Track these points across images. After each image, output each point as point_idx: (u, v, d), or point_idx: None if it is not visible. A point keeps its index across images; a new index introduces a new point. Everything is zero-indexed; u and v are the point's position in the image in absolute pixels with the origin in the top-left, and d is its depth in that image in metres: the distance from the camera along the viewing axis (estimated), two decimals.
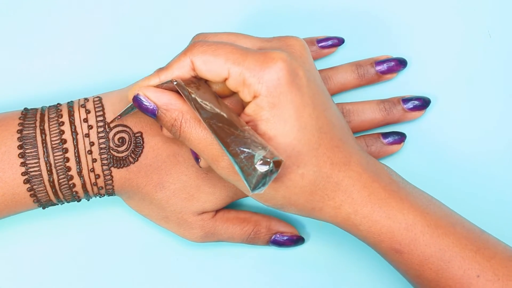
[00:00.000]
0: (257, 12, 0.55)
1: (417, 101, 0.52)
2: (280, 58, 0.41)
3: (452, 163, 0.54)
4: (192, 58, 0.42)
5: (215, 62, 0.41)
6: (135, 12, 0.54)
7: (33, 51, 0.54)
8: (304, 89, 0.42)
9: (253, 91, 0.41)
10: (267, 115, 0.41)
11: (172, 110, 0.43)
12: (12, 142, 0.46)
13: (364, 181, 0.43)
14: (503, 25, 0.55)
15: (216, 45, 0.42)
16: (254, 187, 0.38)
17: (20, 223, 0.53)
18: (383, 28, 0.55)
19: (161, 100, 0.43)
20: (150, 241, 0.53)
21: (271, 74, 0.41)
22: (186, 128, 0.43)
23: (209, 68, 0.41)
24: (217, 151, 0.42)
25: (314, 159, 0.42)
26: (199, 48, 0.42)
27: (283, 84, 0.41)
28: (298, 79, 0.42)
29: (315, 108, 0.42)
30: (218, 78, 0.42)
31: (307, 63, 0.43)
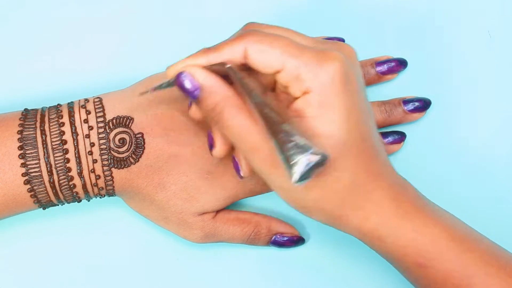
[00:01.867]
0: (257, 12, 0.55)
1: (418, 102, 0.52)
2: (338, 59, 0.40)
3: (452, 163, 0.54)
4: (246, 46, 0.40)
5: (271, 53, 0.40)
6: (135, 12, 0.54)
7: (33, 51, 0.54)
8: (354, 94, 0.41)
9: (305, 87, 0.40)
10: (315, 113, 0.40)
11: (216, 94, 0.41)
12: (12, 143, 0.46)
13: (394, 194, 0.43)
14: (503, 25, 0.55)
15: (274, 37, 0.41)
16: (298, 177, 0.37)
17: (20, 224, 0.53)
18: (383, 28, 0.55)
19: (207, 81, 0.41)
20: (150, 241, 0.53)
21: (327, 72, 0.40)
22: (227, 114, 0.41)
23: (264, 58, 0.40)
24: (258, 141, 0.41)
25: (352, 165, 0.41)
26: (255, 37, 0.40)
27: (337, 85, 0.40)
28: (350, 83, 0.41)
29: (361, 116, 0.42)
30: (270, 70, 0.41)
31: (358, 70, 0.43)
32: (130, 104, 0.48)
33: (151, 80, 0.50)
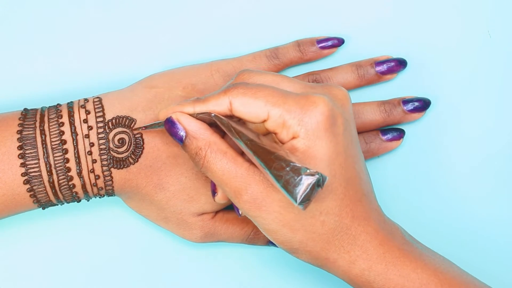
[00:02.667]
0: (257, 12, 0.55)
1: (417, 102, 0.52)
2: (322, 102, 0.41)
3: (452, 163, 0.54)
4: (231, 99, 0.42)
5: (255, 104, 0.41)
6: (135, 12, 0.54)
7: (33, 51, 0.54)
8: (339, 138, 0.42)
9: (292, 133, 0.41)
10: (301, 157, 0.41)
11: (200, 139, 0.43)
12: (12, 143, 0.46)
13: (380, 238, 0.43)
14: (503, 25, 0.55)
15: (257, 88, 0.42)
16: (300, 198, 0.37)
17: (20, 223, 0.53)
18: (383, 28, 0.54)
19: (191, 126, 0.43)
20: (150, 241, 0.53)
21: (311, 117, 0.41)
22: (210, 159, 0.43)
23: (248, 110, 0.42)
24: (241, 184, 0.42)
25: (337, 208, 0.42)
26: (239, 90, 0.42)
27: (321, 129, 0.41)
28: (336, 126, 0.42)
29: (347, 159, 0.42)
30: (257, 120, 0.42)
31: (347, 112, 0.43)
32: (129, 104, 0.49)
33: (151, 80, 0.50)
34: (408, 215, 0.53)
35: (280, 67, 0.53)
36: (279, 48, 0.53)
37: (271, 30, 0.54)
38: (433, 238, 0.53)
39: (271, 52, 0.52)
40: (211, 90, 0.50)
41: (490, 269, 0.53)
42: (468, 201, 0.54)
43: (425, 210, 0.53)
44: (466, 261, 0.53)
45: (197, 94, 0.50)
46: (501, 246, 0.54)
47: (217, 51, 0.54)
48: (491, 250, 0.53)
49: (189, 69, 0.51)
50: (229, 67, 0.51)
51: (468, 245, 0.53)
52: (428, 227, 0.53)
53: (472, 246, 0.53)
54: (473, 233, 0.54)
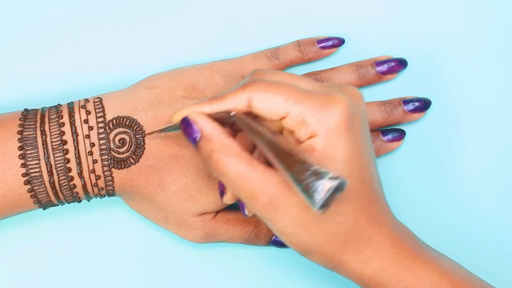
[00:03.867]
0: (258, 12, 0.55)
1: (418, 102, 0.52)
2: (342, 101, 0.41)
3: (452, 163, 0.54)
4: (251, 94, 0.41)
5: (275, 100, 0.41)
6: (135, 12, 0.54)
7: (33, 51, 0.54)
8: (357, 137, 0.42)
9: (311, 131, 0.41)
10: (318, 155, 0.41)
11: (214, 141, 0.42)
12: (12, 143, 0.46)
13: (393, 239, 0.43)
14: (503, 25, 0.55)
15: (277, 84, 0.42)
16: (320, 203, 0.37)
17: (20, 224, 0.53)
18: (383, 28, 0.55)
19: (207, 128, 0.42)
20: (150, 241, 0.53)
21: (331, 115, 0.41)
22: (224, 162, 0.41)
23: (269, 106, 0.41)
24: (257, 187, 0.41)
25: (352, 209, 0.42)
26: (259, 85, 0.41)
27: (341, 128, 0.41)
28: (354, 126, 0.41)
29: (363, 159, 0.42)
30: (275, 117, 0.41)
31: (362, 112, 0.43)
32: (130, 104, 0.49)
33: (151, 80, 0.50)
34: (408, 215, 0.53)
35: (280, 67, 0.53)
36: (279, 48, 0.53)
37: (271, 30, 0.54)
38: (434, 238, 0.53)
39: (272, 52, 0.52)
40: (212, 90, 0.50)
41: (490, 269, 0.53)
42: (469, 201, 0.54)
43: (426, 210, 0.53)
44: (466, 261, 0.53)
45: (197, 94, 0.50)
46: (503, 244, 0.54)
47: (218, 51, 0.54)
48: (492, 249, 0.54)
49: (189, 70, 0.51)
50: (230, 67, 0.51)
51: (469, 244, 0.53)
52: (428, 227, 0.53)
53: (473, 245, 0.53)
54: (473, 233, 0.54)
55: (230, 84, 0.51)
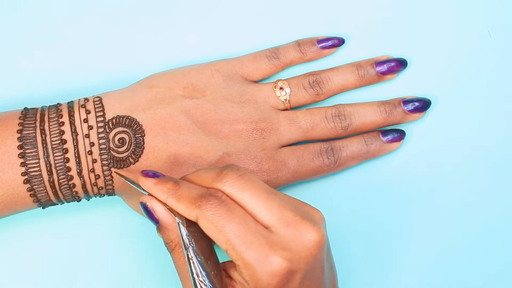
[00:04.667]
0: (257, 12, 0.55)
1: (418, 102, 0.52)
2: (279, 266, 0.40)
3: (452, 163, 0.54)
4: (198, 216, 0.41)
5: (217, 236, 0.40)
6: (135, 12, 0.54)
7: (33, 51, 0.54)
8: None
9: (243, 280, 0.41)
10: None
11: (173, 232, 0.43)
12: (12, 142, 0.46)
13: None
14: (503, 25, 0.55)
15: (226, 216, 0.40)
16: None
17: (20, 223, 0.53)
18: (384, 29, 0.55)
19: (166, 219, 0.43)
20: (150, 241, 0.53)
21: (263, 277, 0.40)
22: (177, 253, 0.43)
23: (211, 235, 0.41)
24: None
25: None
26: (207, 212, 0.40)
27: None
28: (291, 282, 0.41)
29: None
30: (218, 245, 0.41)
31: (311, 262, 0.41)
32: (129, 103, 0.49)
33: (151, 79, 0.50)
34: (408, 215, 0.53)
35: (280, 67, 0.53)
36: (279, 48, 0.53)
37: (271, 30, 0.54)
38: (434, 237, 0.53)
39: (271, 52, 0.52)
40: (211, 90, 0.50)
41: (490, 269, 0.53)
42: (469, 201, 0.54)
43: (426, 210, 0.53)
44: (466, 260, 0.53)
45: (197, 93, 0.50)
46: (504, 244, 0.54)
47: (217, 51, 0.54)
48: (492, 249, 0.53)
49: (189, 69, 0.51)
50: (230, 67, 0.51)
51: (469, 244, 0.53)
52: (428, 227, 0.53)
53: (473, 245, 0.53)
54: (473, 232, 0.54)
55: (230, 84, 0.51)
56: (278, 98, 0.51)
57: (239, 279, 0.41)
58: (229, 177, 0.42)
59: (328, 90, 0.52)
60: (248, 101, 0.51)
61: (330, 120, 0.51)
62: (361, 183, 0.53)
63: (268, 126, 0.50)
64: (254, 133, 0.50)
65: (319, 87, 0.52)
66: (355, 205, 0.53)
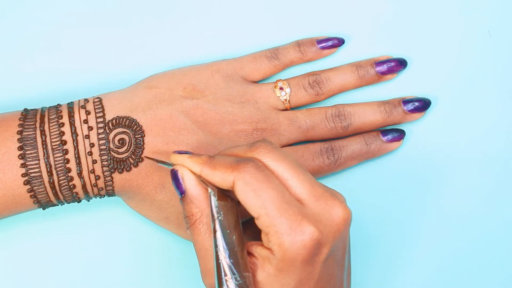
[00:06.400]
0: (257, 12, 0.55)
1: (418, 102, 0.52)
2: (310, 236, 0.40)
3: (452, 163, 0.54)
4: (235, 180, 0.41)
5: (253, 201, 0.40)
6: (135, 13, 0.54)
7: (33, 51, 0.54)
8: (317, 265, 0.41)
9: (271, 247, 0.40)
10: (270, 272, 0.41)
11: (195, 205, 0.43)
12: (12, 143, 0.46)
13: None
14: (503, 25, 0.55)
15: (262, 183, 0.40)
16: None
17: (20, 223, 0.53)
18: (384, 28, 0.55)
19: (192, 190, 0.43)
20: (150, 241, 0.53)
21: (293, 246, 0.40)
22: (197, 229, 0.42)
23: (245, 201, 0.41)
24: (210, 267, 0.42)
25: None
26: (245, 176, 0.41)
27: (299, 260, 0.40)
28: (318, 256, 0.41)
29: (318, 282, 0.41)
30: (249, 212, 0.41)
31: (338, 238, 0.42)
32: (129, 104, 0.49)
33: (151, 80, 0.50)
34: (408, 216, 0.53)
35: (280, 67, 0.53)
36: (279, 49, 0.53)
37: (271, 30, 0.54)
38: (433, 237, 0.53)
39: (271, 53, 0.52)
40: (211, 90, 0.50)
41: (491, 269, 0.53)
42: (469, 201, 0.54)
43: (426, 211, 0.53)
44: (465, 262, 0.53)
45: (197, 94, 0.50)
46: (503, 243, 0.54)
47: (217, 51, 0.54)
48: (492, 249, 0.53)
49: (189, 70, 0.51)
50: (229, 67, 0.51)
51: (468, 243, 0.53)
52: (428, 227, 0.53)
53: (472, 244, 0.53)
54: (473, 232, 0.54)
55: (230, 84, 0.51)
56: (278, 98, 0.51)
57: (263, 253, 0.41)
58: (263, 147, 0.42)
59: (328, 90, 0.52)
60: (248, 101, 0.51)
61: (330, 120, 0.51)
62: (361, 183, 0.53)
63: (268, 126, 0.50)
64: (254, 133, 0.50)
65: (319, 87, 0.52)
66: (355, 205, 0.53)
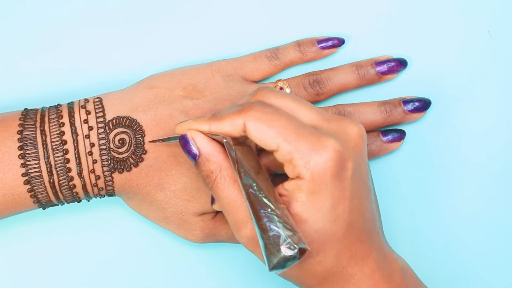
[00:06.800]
0: (257, 12, 0.55)
1: (418, 102, 0.52)
2: (332, 148, 0.40)
3: (452, 163, 0.54)
4: (245, 121, 0.41)
5: (267, 133, 0.40)
6: (135, 13, 0.54)
7: (33, 51, 0.54)
8: (346, 182, 0.41)
9: (297, 172, 0.40)
10: (304, 199, 0.40)
11: (212, 162, 0.42)
12: (12, 143, 0.46)
13: (376, 279, 0.43)
14: (503, 25, 0.55)
15: (272, 115, 0.41)
16: (273, 267, 0.38)
17: (20, 223, 0.53)
18: (384, 28, 0.55)
19: (206, 148, 0.43)
20: (150, 241, 0.53)
21: (319, 161, 0.40)
22: (219, 184, 0.42)
23: (260, 137, 0.41)
24: (243, 218, 0.41)
25: (335, 250, 0.42)
26: (254, 113, 0.41)
27: (328, 175, 0.40)
28: (344, 171, 0.41)
29: (352, 202, 0.42)
30: (267, 148, 0.41)
31: (358, 154, 0.42)
32: (130, 104, 0.49)
33: (151, 80, 0.50)
34: (408, 216, 0.54)
35: (280, 67, 0.53)
36: (279, 49, 0.53)
37: (271, 30, 0.54)
38: (433, 238, 0.53)
39: (271, 53, 0.52)
40: (211, 90, 0.50)
41: (490, 269, 0.53)
42: (469, 201, 0.54)
43: (426, 211, 0.53)
44: (464, 263, 0.53)
45: (197, 94, 0.50)
46: (503, 243, 0.54)
47: (217, 51, 0.54)
48: (492, 249, 0.54)
49: (189, 69, 0.51)
50: (230, 67, 0.51)
51: (468, 243, 0.53)
52: (428, 228, 0.53)
53: (472, 244, 0.53)
54: (473, 232, 0.54)
55: (230, 84, 0.51)
56: None
57: (291, 186, 0.41)
58: (263, 91, 0.43)
59: (328, 90, 0.52)
60: None
61: None
62: None
63: None
64: None
65: (319, 87, 0.52)
66: None
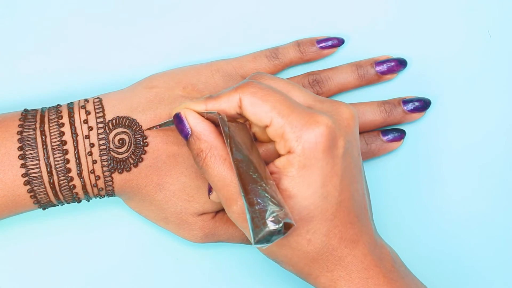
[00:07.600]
0: (257, 12, 0.55)
1: (418, 102, 0.52)
2: (325, 124, 0.41)
3: (452, 163, 0.54)
4: (241, 96, 0.42)
5: (262, 107, 0.41)
6: (135, 12, 0.54)
7: (33, 51, 0.54)
8: (338, 159, 0.42)
9: (289, 147, 0.41)
10: (294, 173, 0.41)
11: (203, 141, 0.43)
12: (12, 144, 0.46)
13: (367, 263, 0.43)
14: (503, 25, 0.55)
15: (267, 91, 0.42)
16: (257, 241, 0.38)
17: (20, 224, 0.53)
18: (383, 28, 0.55)
19: (197, 127, 0.43)
20: (150, 241, 0.53)
21: (310, 136, 0.41)
22: (209, 162, 0.43)
23: (255, 111, 0.42)
24: (233, 194, 0.42)
25: (325, 229, 0.42)
26: (250, 89, 0.42)
27: (319, 149, 0.41)
28: (336, 148, 0.42)
29: (342, 181, 0.42)
30: (260, 123, 0.42)
31: (350, 133, 0.43)
32: (129, 104, 0.49)
33: (151, 80, 0.50)
34: (407, 216, 0.54)
35: (280, 67, 0.53)
36: (279, 48, 0.53)
37: (271, 30, 0.54)
38: (432, 236, 0.53)
39: (271, 52, 0.52)
40: (211, 90, 0.50)
41: (491, 269, 0.53)
42: (468, 201, 0.54)
43: (426, 210, 0.54)
44: (465, 262, 0.53)
45: (197, 94, 0.50)
46: (503, 244, 0.54)
47: (217, 51, 0.54)
48: (491, 249, 0.54)
49: (189, 69, 0.51)
50: (229, 67, 0.52)
51: (467, 243, 0.53)
52: (427, 227, 0.53)
53: (470, 244, 0.53)
54: (472, 232, 0.54)
55: (230, 84, 0.51)
56: None
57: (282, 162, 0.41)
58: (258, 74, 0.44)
59: (328, 90, 0.52)
60: None
61: None
62: None
63: None
64: None
65: (319, 86, 0.52)
66: None
